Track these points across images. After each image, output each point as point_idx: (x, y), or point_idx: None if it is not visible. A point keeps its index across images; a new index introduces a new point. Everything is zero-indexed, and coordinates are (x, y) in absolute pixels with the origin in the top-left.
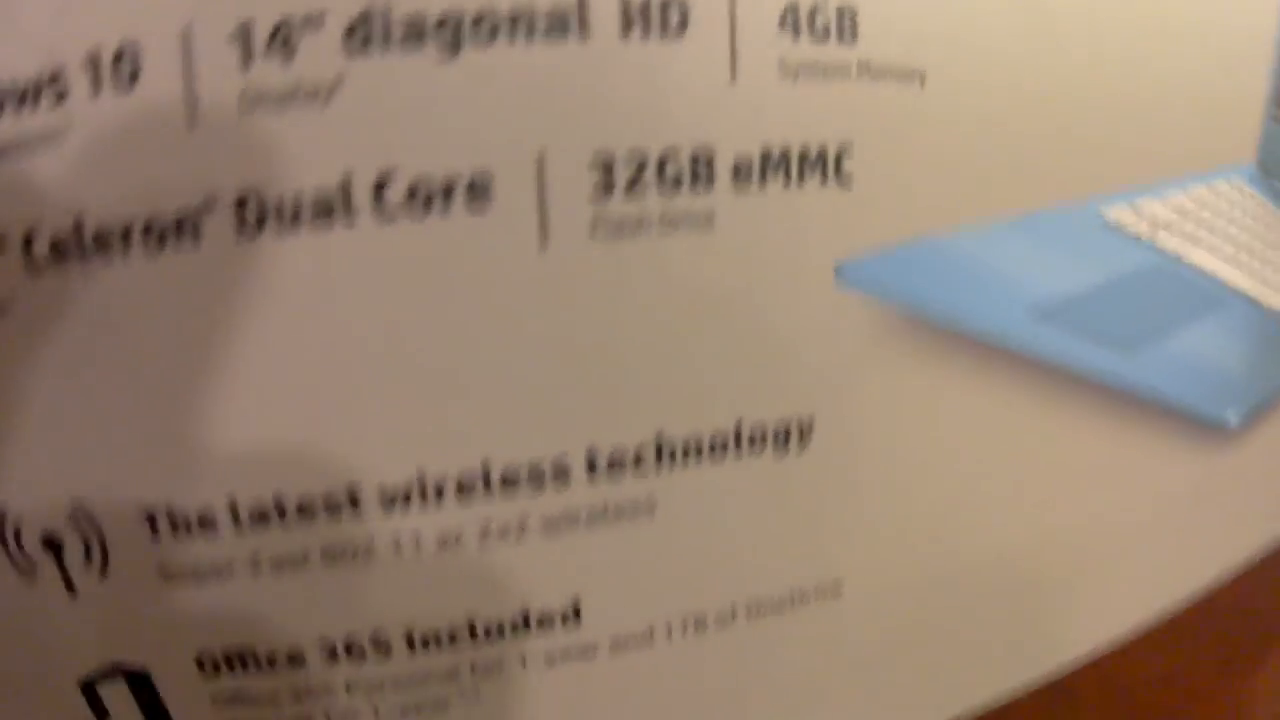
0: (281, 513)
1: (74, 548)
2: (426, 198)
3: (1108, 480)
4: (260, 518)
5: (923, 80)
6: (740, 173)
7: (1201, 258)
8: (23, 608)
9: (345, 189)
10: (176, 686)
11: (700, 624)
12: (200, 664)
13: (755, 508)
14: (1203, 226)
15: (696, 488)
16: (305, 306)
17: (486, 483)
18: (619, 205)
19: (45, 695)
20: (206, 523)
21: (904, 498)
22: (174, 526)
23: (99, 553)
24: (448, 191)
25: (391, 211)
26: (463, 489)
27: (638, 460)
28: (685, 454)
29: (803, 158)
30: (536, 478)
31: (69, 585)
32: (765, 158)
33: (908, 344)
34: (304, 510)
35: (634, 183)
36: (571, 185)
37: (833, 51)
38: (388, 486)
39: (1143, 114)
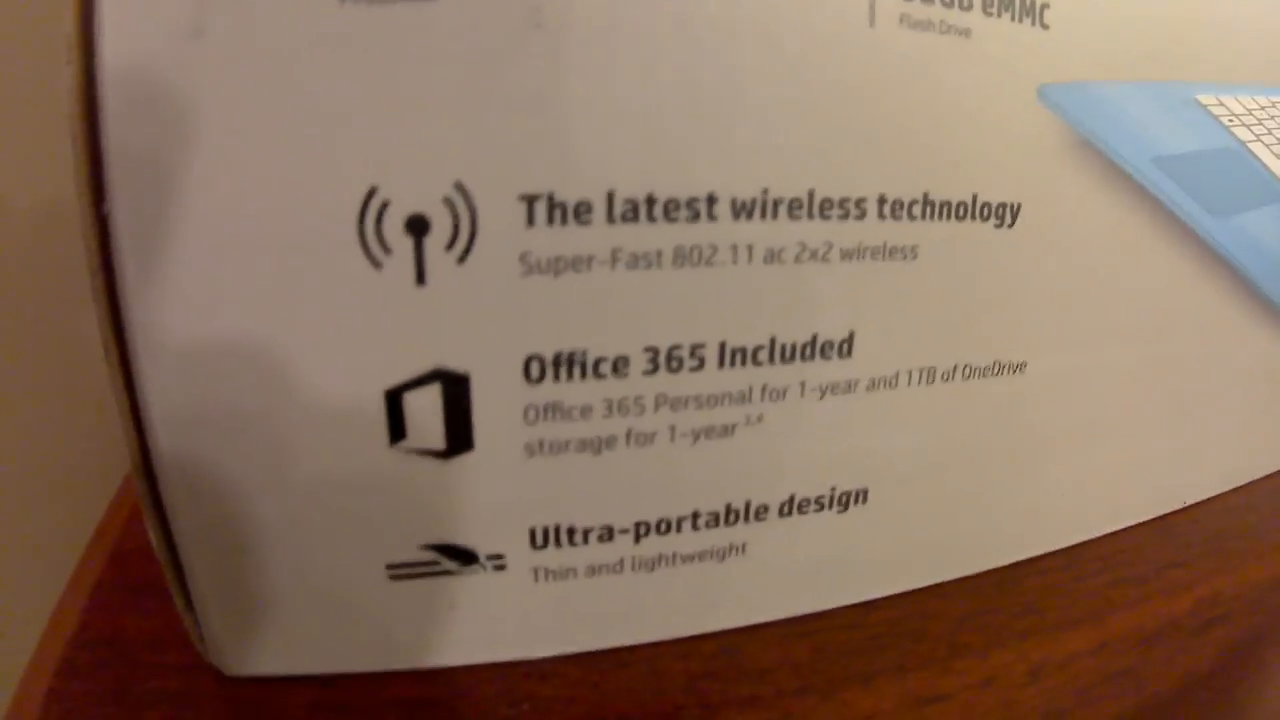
0: (650, 209)
1: (440, 231)
2: None
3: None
4: (631, 212)
5: None
6: (988, 2)
7: (1262, 152)
8: (357, 301)
9: None
10: (493, 395)
11: (930, 377)
12: (527, 368)
13: (981, 265)
14: (1271, 128)
15: (946, 240)
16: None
17: (809, 208)
18: (918, 6)
19: (342, 401)
20: (582, 212)
21: (1075, 289)
22: (550, 213)
23: (466, 237)
24: None
25: None
26: (792, 210)
27: (910, 210)
28: (941, 212)
29: (1022, 1)
30: (844, 210)
31: (420, 274)
32: None
33: (1088, 161)
34: (670, 209)
35: None
36: None
37: None
38: (739, 199)
39: (1244, 26)
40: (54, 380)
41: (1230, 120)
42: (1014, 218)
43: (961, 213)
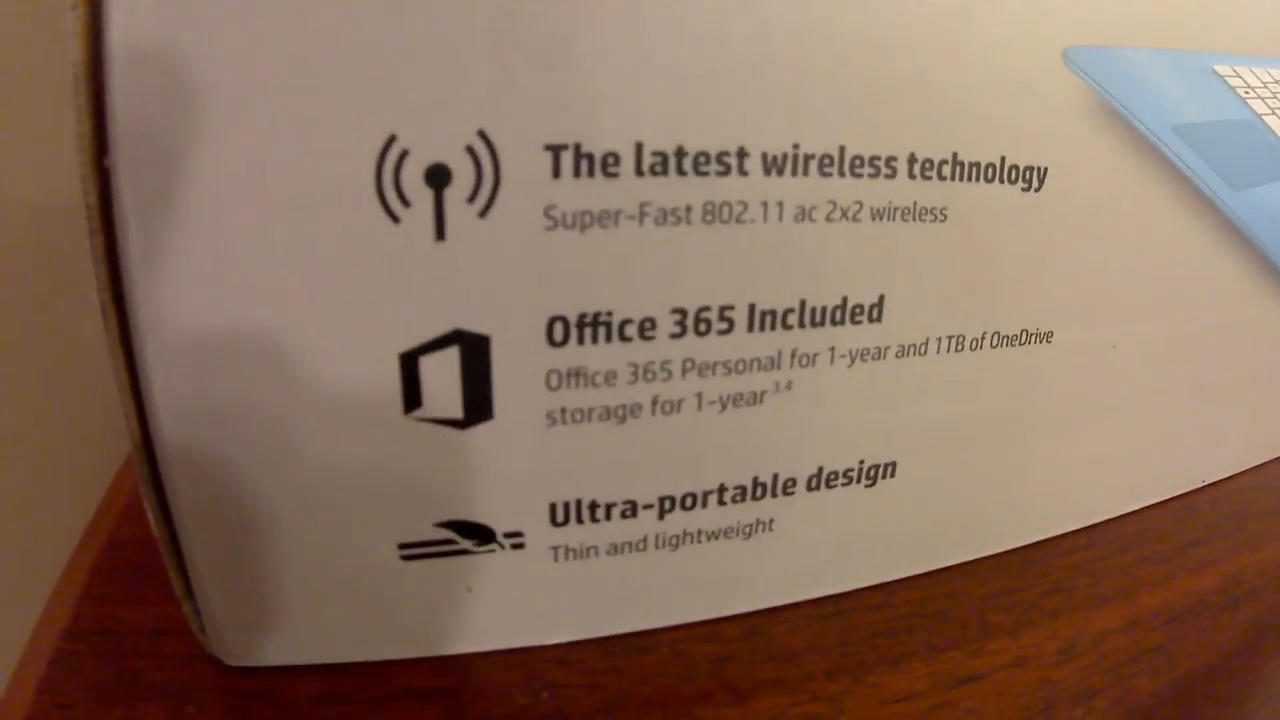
0: (680, 162)
1: (462, 182)
2: None
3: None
4: (660, 165)
5: None
6: None
7: (1277, 125)
8: (373, 257)
9: None
10: (514, 358)
11: (959, 345)
12: (550, 330)
13: (1009, 229)
14: None
15: (976, 202)
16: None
17: (840, 165)
18: None
19: (355, 366)
20: (610, 164)
21: (1101, 258)
22: (577, 165)
23: (489, 189)
24: None
25: None
26: (823, 166)
27: (940, 170)
28: (970, 173)
29: None
30: (874, 168)
31: (439, 229)
32: None
33: (1112, 128)
34: (699, 162)
35: None
36: None
37: None
38: (769, 154)
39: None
40: (48, 365)
41: (1246, 92)
42: (1041, 182)
43: (990, 175)
